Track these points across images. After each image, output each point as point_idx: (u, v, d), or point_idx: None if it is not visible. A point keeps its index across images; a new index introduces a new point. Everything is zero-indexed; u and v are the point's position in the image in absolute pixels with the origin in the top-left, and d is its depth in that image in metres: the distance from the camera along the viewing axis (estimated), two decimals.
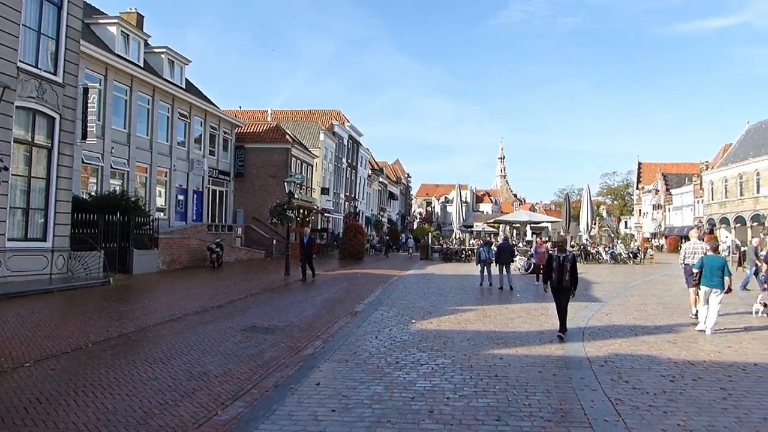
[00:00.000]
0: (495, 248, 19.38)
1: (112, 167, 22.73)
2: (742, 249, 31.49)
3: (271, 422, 5.28)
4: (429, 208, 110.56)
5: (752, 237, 21.67)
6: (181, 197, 28.74)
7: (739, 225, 53.08)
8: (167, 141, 27.06)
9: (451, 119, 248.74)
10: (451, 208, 50.97)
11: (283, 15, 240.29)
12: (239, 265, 26.04)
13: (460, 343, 8.94)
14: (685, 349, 8.65)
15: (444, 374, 7.04)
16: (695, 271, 10.64)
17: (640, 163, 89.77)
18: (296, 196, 27.83)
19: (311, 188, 42.65)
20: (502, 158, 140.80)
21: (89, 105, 18.29)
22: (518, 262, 24.42)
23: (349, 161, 54.08)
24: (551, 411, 5.62)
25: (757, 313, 12.08)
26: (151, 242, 21.03)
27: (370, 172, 64.84)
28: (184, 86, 29.08)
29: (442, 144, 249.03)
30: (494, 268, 18.11)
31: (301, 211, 33.09)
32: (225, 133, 33.55)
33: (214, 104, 32.07)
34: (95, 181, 22.17)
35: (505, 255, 18.04)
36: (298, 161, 39.19)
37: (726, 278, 10.00)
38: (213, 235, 27.56)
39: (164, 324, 10.58)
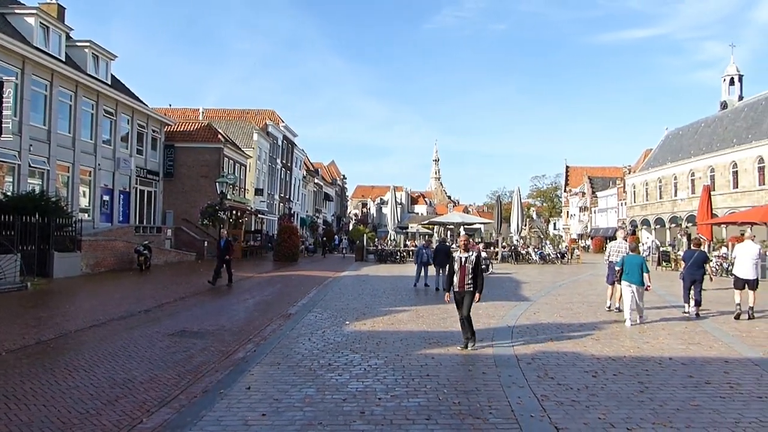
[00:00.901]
0: (431, 250, 19.60)
1: (30, 166, 21.52)
2: (662, 249, 33.23)
3: (198, 428, 5.15)
4: (365, 210, 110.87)
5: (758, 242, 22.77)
6: (106, 198, 27.56)
7: (658, 226, 55.99)
8: (91, 139, 25.88)
9: (386, 121, 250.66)
10: (387, 210, 51.28)
11: (213, 10, 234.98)
12: (169, 268, 25.24)
13: (393, 344, 9.00)
14: (607, 346, 9.03)
15: (376, 375, 7.07)
16: (617, 269, 11.69)
17: (567, 167, 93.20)
18: (229, 197, 27.29)
19: (244, 189, 41.89)
20: (437, 160, 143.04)
21: (4, 100, 17.32)
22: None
23: (284, 162, 53.48)
24: (480, 409, 5.75)
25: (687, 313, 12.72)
26: (73, 244, 20.06)
27: (305, 173, 64.35)
28: (109, 82, 27.91)
29: (378, 145, 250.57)
30: (431, 269, 18.35)
31: (234, 212, 32.44)
32: (154, 131, 32.42)
33: (142, 101, 30.95)
34: (11, 180, 20.93)
35: (442, 256, 18.27)
36: (231, 161, 38.41)
37: (645, 275, 11.03)
38: (141, 237, 26.55)
39: (86, 330, 10.13)
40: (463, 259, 8.62)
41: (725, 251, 29.01)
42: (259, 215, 44.38)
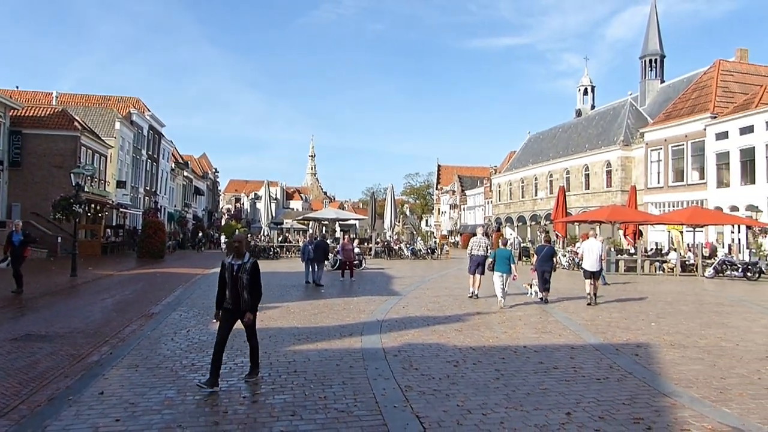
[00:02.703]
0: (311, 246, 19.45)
1: None
2: (522, 245, 35.51)
3: None
4: (238, 205, 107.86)
5: (602, 238, 24.50)
6: None
7: (520, 224, 59.81)
8: None
9: (262, 115, 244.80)
10: (261, 205, 50.27)
11: None
12: None
13: (261, 341, 8.74)
14: (469, 336, 9.49)
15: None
16: (489, 260, 13.84)
17: (439, 166, 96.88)
18: (86, 190, 25.31)
19: (105, 181, 39.10)
20: (313, 156, 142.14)
21: None
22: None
23: (150, 153, 50.58)
24: (345, 402, 5.80)
25: (531, 295, 14.89)
26: None
27: (173, 165, 61.29)
28: None
29: (253, 139, 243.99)
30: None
31: (93, 205, 30.14)
32: None
33: None
34: None
35: (320, 252, 18.27)
36: (90, 151, 35.65)
37: (512, 266, 13.30)
38: None
39: None
40: (236, 268, 6.66)
41: (579, 246, 31.52)
42: (121, 209, 41.64)
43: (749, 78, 39.43)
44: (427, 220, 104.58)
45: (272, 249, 34.23)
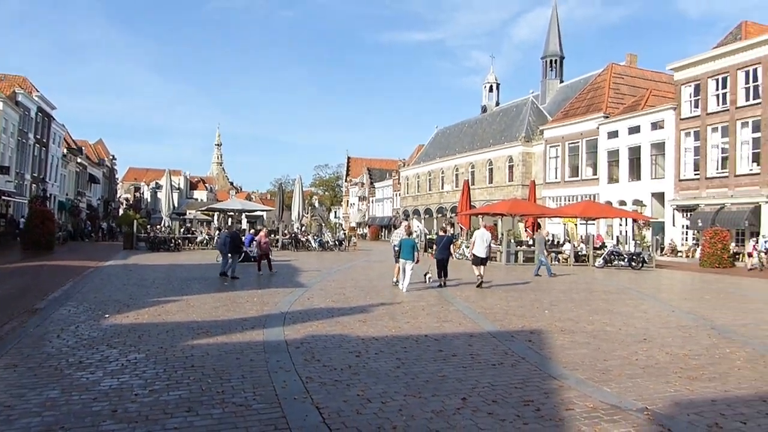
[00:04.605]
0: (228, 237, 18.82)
1: None
2: (428, 237, 36.28)
3: None
4: (137, 194, 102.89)
5: (540, 230, 25.33)
6: None
7: (427, 216, 61.10)
8: None
9: (165, 100, 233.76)
10: (162, 195, 48.17)
11: None
12: None
13: (157, 336, 8.48)
14: (372, 327, 9.58)
15: (135, 370, 6.59)
16: (396, 249, 15.32)
17: (349, 158, 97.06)
18: None
19: None
20: (219, 145, 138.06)
21: None
22: None
23: (39, 137, 47.07)
24: (244, 396, 5.68)
25: (428, 282, 16.14)
26: None
27: (65, 151, 57.43)
28: None
29: (155, 126, 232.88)
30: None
31: None
32: None
33: None
34: None
35: (232, 244, 17.77)
36: None
37: (416, 254, 14.80)
38: None
39: None
40: None
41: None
42: (3, 197, 38.52)
43: (637, 81, 42.35)
44: (336, 212, 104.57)
45: (173, 240, 32.93)
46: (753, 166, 29.51)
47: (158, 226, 38.87)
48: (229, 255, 17.22)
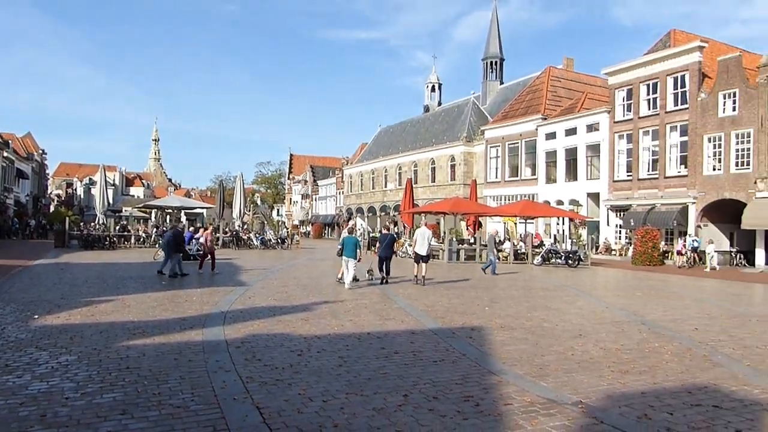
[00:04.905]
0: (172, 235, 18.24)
1: None
2: (371, 235, 36.37)
3: None
4: (70, 190, 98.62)
5: (492, 230, 25.54)
6: None
7: (371, 214, 61.20)
8: None
9: (100, 93, 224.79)
10: (96, 191, 46.39)
11: None
12: None
13: (91, 337, 8.16)
14: (315, 325, 9.52)
15: (66, 372, 6.32)
16: (339, 247, 15.53)
17: (292, 155, 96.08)
18: None
19: None
20: (157, 140, 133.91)
21: None
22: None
23: None
24: (182, 397, 5.54)
25: (371, 278, 16.71)
26: None
27: None
28: None
29: (89, 119, 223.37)
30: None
31: None
32: None
33: None
34: None
35: (173, 242, 17.29)
36: None
37: (358, 251, 15.11)
38: None
39: None
40: None
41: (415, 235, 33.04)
42: None
43: (574, 84, 43.73)
44: (279, 210, 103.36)
45: (108, 238, 31.77)
46: (681, 168, 30.99)
47: (92, 224, 37.39)
48: (171, 253, 16.82)
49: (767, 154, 26.74)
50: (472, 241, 30.69)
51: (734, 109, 28.03)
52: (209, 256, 18.73)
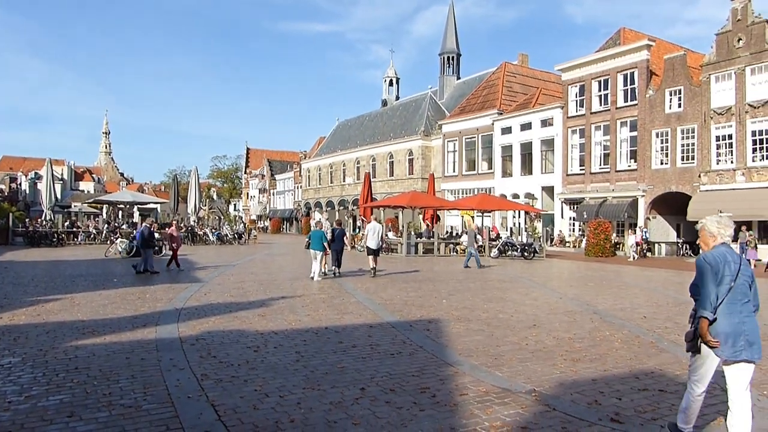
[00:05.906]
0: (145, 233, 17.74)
1: None
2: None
3: None
4: (14, 185, 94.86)
5: (471, 225, 25.69)
6: None
7: (329, 208, 60.94)
8: None
9: (45, 83, 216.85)
10: (42, 186, 44.74)
11: None
12: None
13: (36, 338, 7.88)
14: (272, 321, 9.43)
15: (9, 375, 6.08)
16: (307, 240, 16.20)
17: (248, 149, 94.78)
18: None
19: None
20: (107, 133, 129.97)
21: None
22: (119, 245, 23.10)
23: None
24: (134, 397, 5.40)
25: (325, 271, 16.65)
26: None
27: None
28: None
29: (33, 111, 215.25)
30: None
31: None
32: None
33: None
34: None
35: (143, 239, 17.02)
36: None
37: (324, 244, 15.61)
38: None
39: None
40: None
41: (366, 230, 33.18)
42: None
43: (529, 80, 44.44)
44: (235, 205, 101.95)
45: (56, 235, 30.72)
46: (631, 162, 31.92)
47: (39, 220, 36.10)
48: (144, 249, 16.69)
49: (710, 149, 27.80)
50: (429, 235, 30.87)
51: (680, 106, 29.03)
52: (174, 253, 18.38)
